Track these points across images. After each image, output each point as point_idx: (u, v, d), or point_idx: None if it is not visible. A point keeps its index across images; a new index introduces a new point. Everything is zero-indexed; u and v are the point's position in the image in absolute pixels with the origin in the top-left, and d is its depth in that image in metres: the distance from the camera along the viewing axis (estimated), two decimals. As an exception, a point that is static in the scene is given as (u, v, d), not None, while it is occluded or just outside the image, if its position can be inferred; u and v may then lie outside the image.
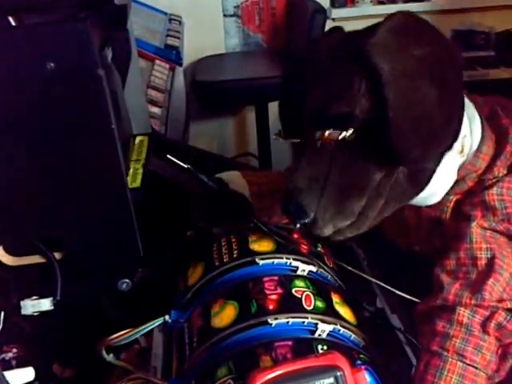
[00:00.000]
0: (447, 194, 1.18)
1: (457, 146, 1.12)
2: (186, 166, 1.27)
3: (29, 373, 1.00)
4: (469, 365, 1.04)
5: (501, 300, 1.07)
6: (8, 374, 0.96)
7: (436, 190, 1.16)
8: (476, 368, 1.04)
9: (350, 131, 1.01)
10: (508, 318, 1.07)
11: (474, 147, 1.17)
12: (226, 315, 1.06)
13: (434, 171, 1.10)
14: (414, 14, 1.06)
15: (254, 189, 1.36)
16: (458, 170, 1.17)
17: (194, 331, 1.10)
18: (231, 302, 1.08)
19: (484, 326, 1.06)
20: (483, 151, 1.18)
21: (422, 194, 1.14)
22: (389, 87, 0.95)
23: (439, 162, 1.10)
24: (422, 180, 1.10)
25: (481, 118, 1.20)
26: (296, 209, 1.06)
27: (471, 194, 1.18)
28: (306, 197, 1.03)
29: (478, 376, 1.04)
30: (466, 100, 1.18)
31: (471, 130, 1.17)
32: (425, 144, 1.02)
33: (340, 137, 1.01)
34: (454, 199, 1.20)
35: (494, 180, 1.16)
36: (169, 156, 1.28)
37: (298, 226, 1.09)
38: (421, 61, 0.99)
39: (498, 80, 3.25)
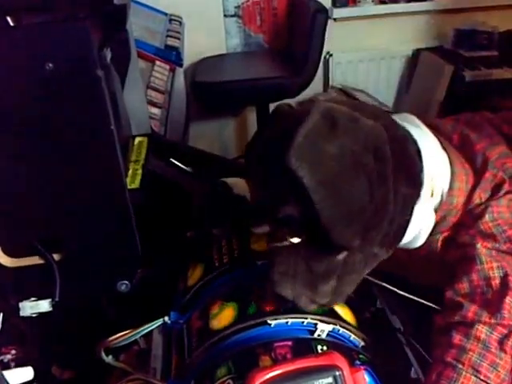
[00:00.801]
0: (432, 234, 1.18)
1: (425, 192, 1.11)
2: (188, 170, 1.27)
3: (28, 372, 1.00)
4: (483, 380, 1.03)
5: None
6: (7, 374, 0.96)
7: (416, 235, 1.15)
8: None
9: (297, 239, 1.03)
10: None
11: (446, 186, 1.16)
12: (224, 317, 1.06)
13: (407, 223, 1.09)
14: (330, 108, 1.02)
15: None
16: (436, 211, 1.16)
17: (193, 332, 1.09)
18: (230, 304, 1.08)
19: (501, 343, 1.05)
20: (456, 187, 1.17)
21: (403, 242, 1.13)
22: (312, 194, 0.93)
23: (411, 213, 1.09)
24: (395, 237, 1.09)
25: (448, 154, 1.19)
26: (276, 297, 1.06)
27: (462, 226, 1.18)
28: (281, 289, 1.03)
29: None
30: (430, 138, 1.18)
31: (439, 170, 1.15)
32: (367, 230, 1.01)
33: (291, 241, 1.03)
34: (441, 237, 1.20)
35: (481, 207, 1.16)
36: (172, 160, 1.28)
37: None
38: (338, 157, 0.97)
39: (501, 80, 3.24)
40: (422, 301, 1.18)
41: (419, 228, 1.14)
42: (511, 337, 1.05)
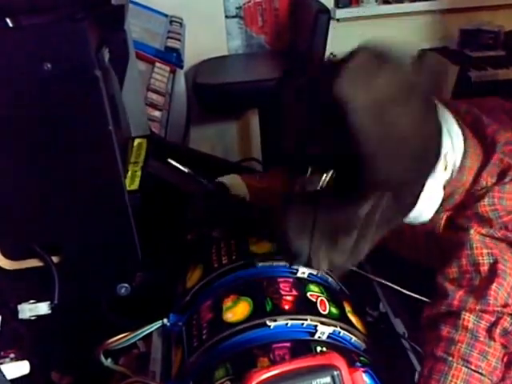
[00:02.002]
0: (437, 211, 1.18)
1: (440, 165, 1.12)
2: (186, 171, 1.27)
3: (24, 366, 1.00)
4: (474, 370, 1.02)
5: (505, 305, 1.06)
6: (3, 367, 0.95)
7: (424, 209, 1.16)
8: (481, 374, 1.03)
9: (330, 174, 1.02)
10: None
11: (458, 163, 1.17)
12: (239, 310, 1.06)
13: (419, 193, 1.10)
14: (374, 47, 1.03)
15: (252, 191, 1.37)
16: (444, 187, 1.17)
17: (202, 324, 1.09)
18: (244, 298, 1.08)
19: (490, 331, 1.05)
20: (467, 165, 1.17)
21: (411, 215, 1.13)
22: (357, 121, 0.94)
23: (424, 183, 1.09)
24: (408, 203, 1.10)
25: (463, 131, 1.19)
26: (288, 255, 1.07)
27: (463, 207, 1.17)
28: (297, 241, 1.03)
29: (482, 382, 1.03)
30: (446, 114, 1.17)
31: (453, 146, 1.16)
32: (405, 169, 1.01)
33: (321, 181, 1.02)
34: (445, 216, 1.19)
35: (483, 191, 1.15)
36: (170, 160, 1.28)
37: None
38: (386, 89, 0.97)
39: (507, 80, 3.22)
40: (424, 298, 1.17)
41: (428, 201, 1.15)
42: (499, 324, 1.05)
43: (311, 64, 1.13)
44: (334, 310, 1.09)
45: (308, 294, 1.10)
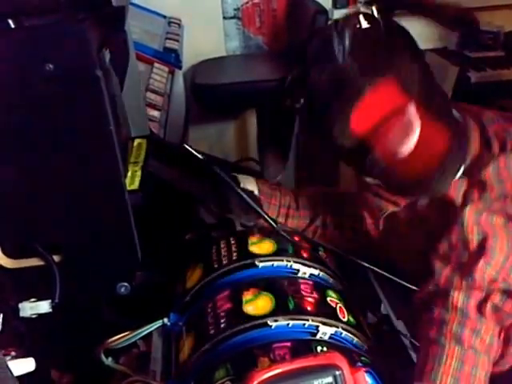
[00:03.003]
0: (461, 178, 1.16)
1: None
2: (201, 157, 1.28)
3: (29, 363, 1.00)
4: (467, 349, 1.02)
5: (494, 282, 1.05)
6: (9, 364, 0.96)
7: None
8: (475, 352, 1.02)
9: None
10: (504, 299, 1.06)
11: None
12: (261, 305, 1.06)
13: None
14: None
15: (262, 198, 1.37)
16: None
17: (219, 313, 1.09)
18: (265, 294, 1.08)
19: (479, 308, 1.05)
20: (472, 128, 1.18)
21: None
22: None
23: None
24: None
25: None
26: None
27: (470, 176, 1.16)
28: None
29: (478, 359, 1.02)
30: None
31: None
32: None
33: None
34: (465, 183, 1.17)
35: (488, 159, 1.14)
36: (185, 145, 1.28)
37: None
38: None
39: (507, 81, 3.21)
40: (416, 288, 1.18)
41: None
42: (489, 301, 1.05)
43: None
44: (351, 318, 1.10)
45: (328, 298, 1.11)
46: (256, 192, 1.36)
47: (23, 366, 0.98)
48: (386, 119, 1.05)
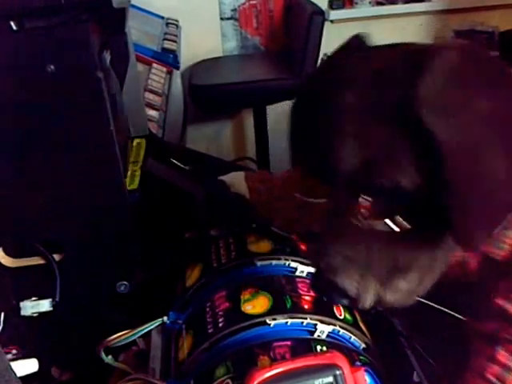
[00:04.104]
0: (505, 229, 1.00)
1: None
2: (186, 168, 1.28)
3: (32, 364, 1.01)
4: None
5: None
6: (12, 365, 0.96)
7: None
8: None
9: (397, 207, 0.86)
10: None
11: None
12: (259, 304, 1.06)
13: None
14: (470, 46, 0.84)
15: (253, 196, 1.33)
16: None
17: (218, 312, 1.09)
18: (263, 293, 1.08)
19: None
20: None
21: None
22: (449, 157, 0.75)
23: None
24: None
25: None
26: (332, 290, 0.93)
27: None
28: (344, 278, 0.88)
29: None
30: None
31: None
32: (492, 220, 0.84)
33: (388, 222, 0.86)
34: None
35: None
36: (172, 159, 1.29)
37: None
38: (487, 119, 0.77)
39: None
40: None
41: None
42: None
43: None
44: (348, 316, 1.10)
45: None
46: (246, 193, 1.34)
47: (26, 366, 0.99)
48: None
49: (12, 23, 0.99)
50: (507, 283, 1.01)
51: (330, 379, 0.83)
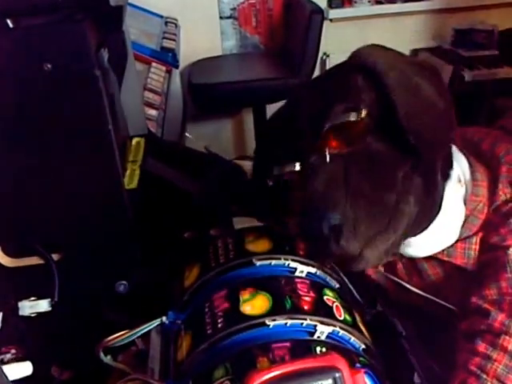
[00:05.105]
0: (468, 237, 1.15)
1: (454, 174, 1.11)
2: (205, 150, 1.27)
3: (26, 367, 1.00)
4: None
5: None
6: (6, 368, 0.96)
7: (449, 223, 1.14)
8: None
9: (364, 112, 0.99)
10: None
11: (468, 176, 1.16)
12: (258, 304, 1.06)
13: (443, 189, 1.08)
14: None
15: None
16: (465, 204, 1.15)
17: (217, 312, 1.08)
18: (262, 293, 1.08)
19: None
20: (478, 178, 1.16)
21: (439, 243, 1.15)
22: (388, 77, 0.98)
23: (445, 179, 1.09)
24: (435, 196, 1.07)
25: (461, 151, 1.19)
26: (317, 216, 1.01)
27: (491, 226, 1.14)
28: (328, 201, 0.99)
29: None
30: None
31: (458, 162, 1.16)
32: (433, 127, 1.01)
33: (352, 119, 0.99)
34: (478, 240, 1.15)
35: (510, 205, 1.12)
36: (187, 134, 1.28)
37: (318, 243, 1.05)
38: (416, 65, 1.04)
39: (501, 79, 3.23)
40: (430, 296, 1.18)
41: (451, 214, 1.13)
42: None
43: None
44: (347, 317, 1.10)
45: (324, 297, 1.11)
46: None
47: (20, 370, 0.99)
48: None
49: (8, 21, 0.99)
50: (479, 285, 1.09)
51: (330, 382, 0.83)
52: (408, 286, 1.23)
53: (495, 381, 1.00)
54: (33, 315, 1.14)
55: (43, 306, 1.14)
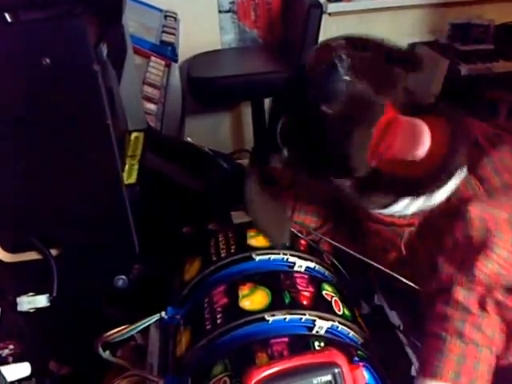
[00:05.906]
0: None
1: None
2: (205, 150, 1.27)
3: (25, 368, 1.00)
4: (469, 343, 1.02)
5: (496, 277, 1.04)
6: (4, 369, 0.96)
7: None
8: (477, 345, 1.02)
9: None
10: (506, 294, 1.04)
11: None
12: (257, 299, 1.06)
13: None
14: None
15: None
16: None
17: (216, 308, 1.09)
18: (262, 288, 1.08)
19: (482, 303, 1.04)
20: None
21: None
22: None
23: None
24: None
25: None
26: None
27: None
28: None
29: (480, 353, 1.02)
30: None
31: None
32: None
33: None
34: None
35: (479, 153, 1.17)
36: (188, 138, 1.28)
37: None
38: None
39: (497, 73, 3.22)
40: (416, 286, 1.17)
41: None
42: (491, 296, 1.04)
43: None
44: (346, 311, 1.10)
45: (323, 292, 1.11)
46: None
47: (18, 371, 0.99)
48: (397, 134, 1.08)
49: (7, 15, 0.98)
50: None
51: (329, 377, 0.83)
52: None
53: (455, 335, 1.02)
54: (31, 311, 1.14)
55: (42, 301, 1.14)
